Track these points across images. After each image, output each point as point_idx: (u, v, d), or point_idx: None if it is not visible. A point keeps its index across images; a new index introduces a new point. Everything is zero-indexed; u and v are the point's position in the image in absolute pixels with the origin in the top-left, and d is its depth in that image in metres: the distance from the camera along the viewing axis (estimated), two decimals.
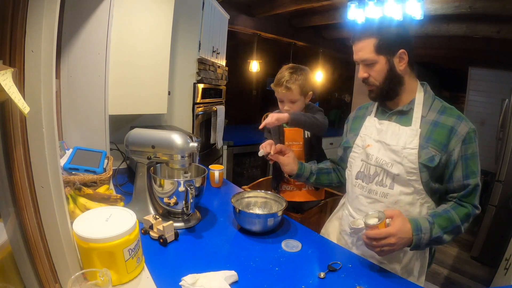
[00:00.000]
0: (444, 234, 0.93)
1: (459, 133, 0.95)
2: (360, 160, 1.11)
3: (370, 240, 0.90)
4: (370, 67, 1.02)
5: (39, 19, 0.64)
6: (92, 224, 0.79)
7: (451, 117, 0.97)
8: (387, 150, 1.02)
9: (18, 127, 0.65)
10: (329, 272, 0.92)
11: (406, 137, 0.99)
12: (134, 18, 1.61)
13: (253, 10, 3.49)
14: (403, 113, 1.04)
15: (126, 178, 1.60)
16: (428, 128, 0.99)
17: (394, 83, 1.02)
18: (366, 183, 1.07)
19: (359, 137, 1.14)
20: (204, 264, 0.91)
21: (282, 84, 1.44)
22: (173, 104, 2.16)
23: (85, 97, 1.52)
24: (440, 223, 0.93)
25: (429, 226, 0.92)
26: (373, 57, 1.00)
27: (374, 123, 1.10)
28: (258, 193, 1.32)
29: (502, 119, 2.89)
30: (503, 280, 1.95)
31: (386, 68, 1.00)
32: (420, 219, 0.93)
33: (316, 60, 4.73)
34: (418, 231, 0.91)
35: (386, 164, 1.01)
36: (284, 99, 1.48)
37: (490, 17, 2.65)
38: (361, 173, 1.09)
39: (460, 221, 0.95)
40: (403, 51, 0.99)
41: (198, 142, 1.15)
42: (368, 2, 2.54)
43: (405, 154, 0.98)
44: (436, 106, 1.02)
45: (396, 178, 1.00)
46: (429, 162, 0.95)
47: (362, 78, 1.05)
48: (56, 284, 0.72)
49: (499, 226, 2.58)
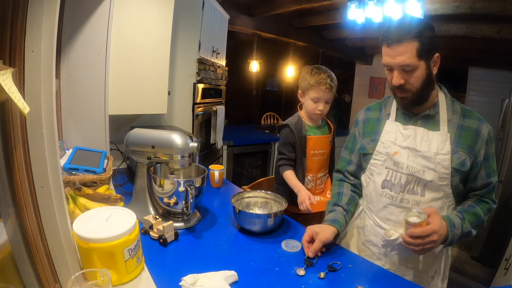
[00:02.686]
0: (472, 229, 0.97)
1: (483, 135, 0.97)
2: (384, 168, 1.05)
3: (415, 239, 0.89)
4: (409, 73, 0.93)
5: (39, 19, 0.64)
6: (92, 224, 0.79)
7: (474, 119, 0.99)
8: (417, 156, 0.98)
9: (18, 127, 0.65)
10: (329, 272, 0.92)
11: (438, 143, 0.97)
12: (134, 18, 1.61)
13: (253, 10, 3.49)
14: (430, 117, 1.01)
15: (126, 178, 1.60)
16: (456, 132, 0.99)
17: (430, 88, 0.98)
18: (397, 193, 1.02)
19: (381, 144, 1.06)
20: (204, 264, 0.91)
21: (326, 83, 1.45)
22: (173, 104, 2.16)
23: (85, 97, 1.52)
24: (469, 219, 0.97)
25: (461, 222, 0.95)
26: (415, 62, 0.91)
27: (398, 128, 1.04)
28: (258, 193, 1.32)
29: (502, 119, 2.89)
30: (503, 280, 1.96)
31: (425, 73, 0.94)
32: (451, 216, 0.96)
33: (316, 60, 4.73)
34: (452, 227, 0.93)
35: (417, 172, 0.98)
36: (322, 99, 1.48)
37: (490, 17, 2.65)
38: (388, 182, 1.03)
39: (484, 215, 1.00)
40: (437, 55, 0.95)
41: (198, 142, 1.15)
42: (368, 2, 2.54)
43: (438, 160, 0.96)
44: (456, 108, 1.02)
45: (428, 184, 0.98)
46: (461, 166, 0.97)
47: (397, 84, 0.95)
48: (56, 284, 0.72)
49: (499, 226, 2.58)
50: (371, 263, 1.00)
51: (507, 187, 2.58)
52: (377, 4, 2.52)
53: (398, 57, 0.92)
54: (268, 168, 3.84)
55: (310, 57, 4.83)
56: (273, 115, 5.00)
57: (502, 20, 2.62)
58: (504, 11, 2.28)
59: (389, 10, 2.42)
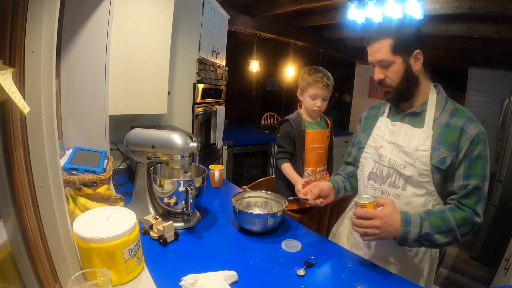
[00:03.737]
0: (436, 234, 0.91)
1: (468, 134, 0.94)
2: (372, 160, 1.11)
3: (357, 219, 0.91)
4: (386, 68, 1.01)
5: (39, 19, 0.64)
6: (92, 224, 0.79)
7: (462, 118, 0.97)
8: (399, 151, 1.01)
9: (18, 127, 0.65)
10: (329, 272, 0.92)
11: (419, 139, 0.99)
12: (134, 17, 1.61)
13: (253, 10, 3.49)
14: (416, 114, 1.04)
15: (126, 178, 1.60)
16: (440, 130, 0.98)
17: (410, 84, 1.01)
18: (379, 184, 1.07)
19: (371, 138, 1.14)
20: (204, 264, 0.91)
21: (322, 81, 1.55)
22: (173, 104, 2.16)
23: (85, 97, 1.52)
24: (432, 221, 0.91)
25: (420, 221, 0.91)
26: (390, 58, 0.98)
27: (387, 124, 1.10)
28: (258, 193, 1.32)
29: (502, 119, 2.89)
30: (503, 280, 1.95)
31: (402, 68, 0.99)
32: (411, 213, 0.93)
33: (316, 60, 4.73)
34: (406, 223, 0.90)
35: (398, 166, 1.01)
36: (320, 96, 1.58)
37: (490, 17, 2.65)
38: (373, 174, 1.09)
39: (456, 224, 0.91)
40: (418, 51, 0.98)
41: (198, 142, 1.15)
42: (368, 2, 2.54)
43: (417, 156, 0.97)
44: (448, 108, 1.01)
45: (409, 179, 0.99)
46: (441, 164, 0.95)
47: (378, 79, 1.04)
48: (56, 284, 0.72)
49: (499, 226, 2.58)
50: (370, 263, 1.00)
51: (507, 187, 2.57)
52: (377, 4, 2.52)
53: (375, 54, 1.01)
54: (268, 168, 3.84)
55: (310, 57, 4.83)
56: (273, 115, 5.00)
57: (502, 20, 2.62)
58: (504, 11, 2.28)
59: (389, 10, 2.42)
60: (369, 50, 1.04)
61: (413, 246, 0.99)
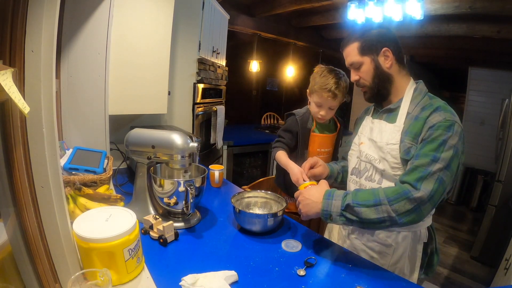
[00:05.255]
0: (363, 207, 0.89)
1: (429, 121, 0.93)
2: (356, 157, 1.16)
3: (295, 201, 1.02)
4: (358, 69, 1.07)
5: (39, 19, 0.64)
6: (92, 224, 0.79)
7: (430, 109, 0.96)
8: (375, 147, 1.06)
9: (18, 127, 0.65)
10: (329, 272, 0.92)
11: (389, 133, 1.02)
12: (134, 17, 1.60)
13: (253, 10, 3.49)
14: (391, 111, 1.07)
15: (126, 178, 1.60)
16: (410, 123, 0.99)
17: (383, 81, 1.05)
18: (358, 178, 1.12)
19: (357, 136, 1.20)
20: (204, 264, 0.91)
21: (329, 90, 1.37)
22: (173, 104, 2.16)
23: (85, 97, 1.51)
24: (360, 195, 0.91)
25: (342, 194, 0.94)
26: (358, 59, 1.05)
27: (369, 122, 1.15)
28: (258, 193, 1.32)
29: (502, 119, 2.89)
30: (503, 280, 1.95)
31: (372, 67, 1.04)
32: (337, 189, 0.99)
33: (316, 60, 4.73)
34: (328, 197, 0.95)
35: (374, 160, 1.05)
36: (325, 106, 1.42)
37: (490, 17, 2.65)
38: (355, 169, 1.15)
39: (387, 198, 0.88)
40: (386, 49, 1.02)
41: (198, 142, 1.15)
42: (368, 2, 2.54)
43: (388, 150, 1.00)
44: (423, 102, 1.00)
45: (383, 173, 1.03)
46: (405, 155, 0.96)
47: (354, 81, 1.11)
48: (56, 284, 0.72)
49: (499, 226, 2.58)
50: (370, 263, 1.00)
51: (507, 187, 2.57)
52: (377, 4, 2.52)
53: (347, 58, 1.09)
54: (268, 168, 3.84)
55: (310, 57, 4.83)
56: (273, 115, 5.00)
57: (502, 20, 2.63)
58: (504, 11, 2.28)
59: (389, 10, 2.42)
60: (344, 55, 1.10)
61: (340, 222, 0.94)
